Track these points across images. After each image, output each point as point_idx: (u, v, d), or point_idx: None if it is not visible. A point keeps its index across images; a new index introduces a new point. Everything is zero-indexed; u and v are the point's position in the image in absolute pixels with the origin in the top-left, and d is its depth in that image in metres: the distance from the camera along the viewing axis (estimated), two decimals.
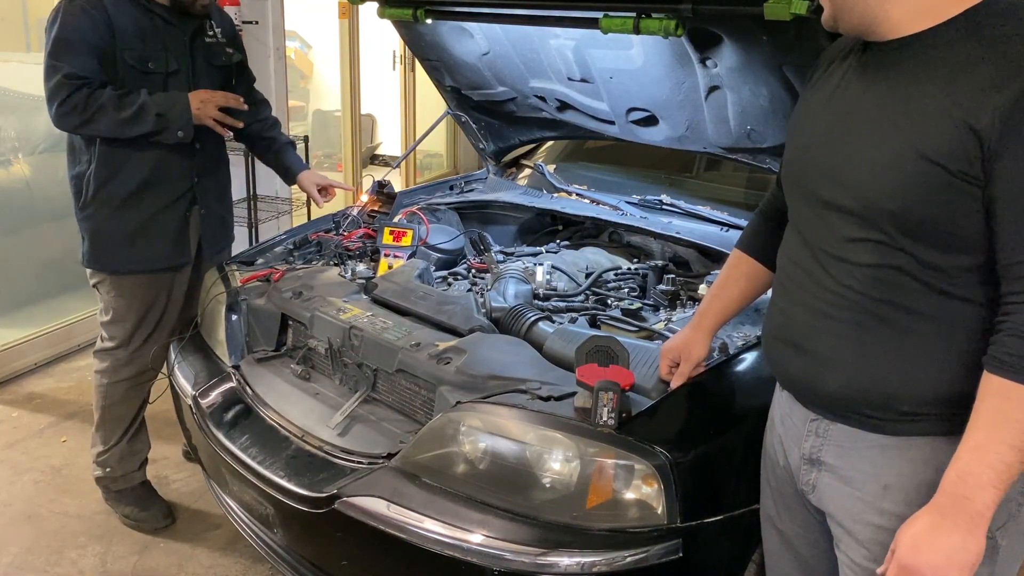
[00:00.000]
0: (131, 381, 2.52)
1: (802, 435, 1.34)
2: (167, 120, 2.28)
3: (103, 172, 2.33)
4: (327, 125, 7.29)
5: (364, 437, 1.86)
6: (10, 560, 2.44)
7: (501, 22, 2.45)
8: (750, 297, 1.59)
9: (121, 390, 2.52)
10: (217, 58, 2.49)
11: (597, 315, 2.13)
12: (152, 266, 2.44)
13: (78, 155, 2.38)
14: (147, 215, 2.39)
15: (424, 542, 1.56)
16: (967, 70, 1.08)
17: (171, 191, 2.42)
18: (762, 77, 2.07)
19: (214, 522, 2.61)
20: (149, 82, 2.30)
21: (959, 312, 1.15)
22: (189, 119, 2.31)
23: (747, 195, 2.72)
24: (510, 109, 2.91)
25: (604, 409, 1.52)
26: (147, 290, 2.46)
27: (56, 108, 2.22)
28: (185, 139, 2.33)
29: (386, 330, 1.97)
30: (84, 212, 2.40)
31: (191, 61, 2.41)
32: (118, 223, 2.38)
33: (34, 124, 3.74)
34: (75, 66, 2.21)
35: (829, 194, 1.22)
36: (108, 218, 2.37)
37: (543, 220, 2.92)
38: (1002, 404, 1.07)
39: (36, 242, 3.75)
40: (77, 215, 2.42)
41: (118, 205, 2.37)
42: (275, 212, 4.24)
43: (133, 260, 2.41)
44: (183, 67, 2.38)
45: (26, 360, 3.60)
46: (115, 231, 2.38)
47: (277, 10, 4.30)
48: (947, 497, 1.10)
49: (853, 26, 1.20)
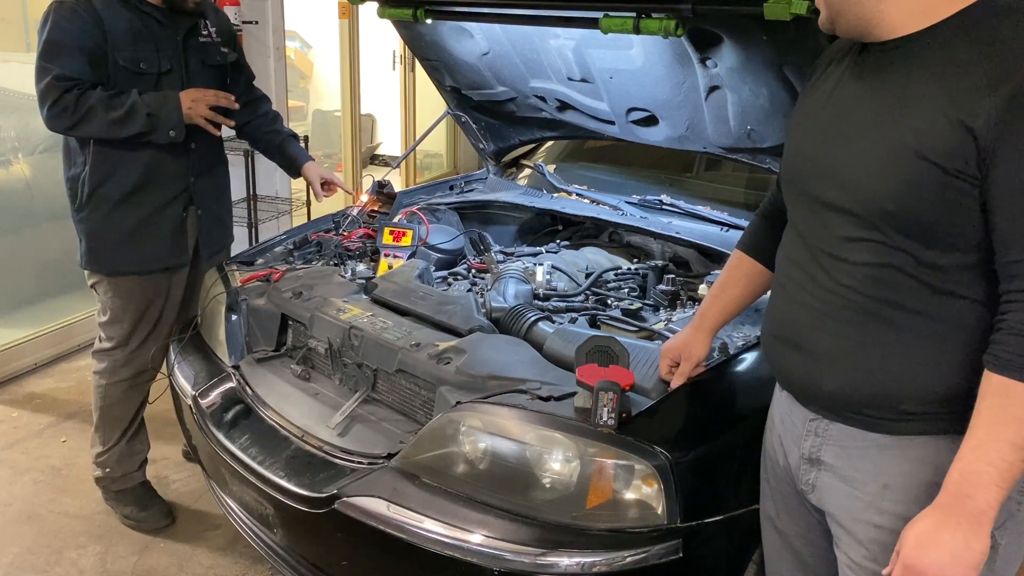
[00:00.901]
0: (130, 382, 2.52)
1: (802, 435, 1.34)
2: (158, 120, 2.28)
3: (98, 174, 2.33)
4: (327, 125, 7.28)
5: (364, 437, 1.86)
6: (10, 560, 2.44)
7: (501, 22, 2.45)
8: (751, 297, 1.59)
9: (120, 391, 2.52)
10: (211, 57, 2.49)
11: (597, 315, 2.13)
12: (149, 267, 2.44)
13: (73, 157, 2.38)
14: (143, 216, 2.39)
15: (424, 542, 1.55)
16: (962, 70, 1.08)
17: (166, 192, 2.42)
18: (762, 77, 2.07)
19: (214, 522, 2.61)
20: (141, 83, 2.30)
21: (958, 310, 1.15)
22: (180, 118, 2.30)
23: (747, 195, 2.72)
24: (510, 109, 2.91)
25: (604, 409, 1.52)
26: (144, 291, 2.46)
27: (47, 110, 2.23)
28: (177, 139, 2.32)
29: (386, 330, 1.97)
30: (80, 214, 2.40)
31: (184, 61, 2.40)
32: (114, 224, 2.38)
33: (34, 124, 3.71)
34: (65, 68, 2.21)
35: (827, 194, 1.22)
36: (104, 219, 2.38)
37: (543, 220, 2.92)
38: (1003, 402, 1.07)
39: (36, 242, 3.74)
40: (73, 217, 2.43)
41: (113, 206, 2.37)
42: (275, 212, 4.24)
43: (130, 261, 2.41)
44: (176, 67, 2.38)
45: (26, 360, 3.60)
46: (111, 232, 2.39)
47: (277, 10, 4.30)
48: (950, 496, 1.10)
49: (850, 28, 1.20)
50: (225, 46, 2.54)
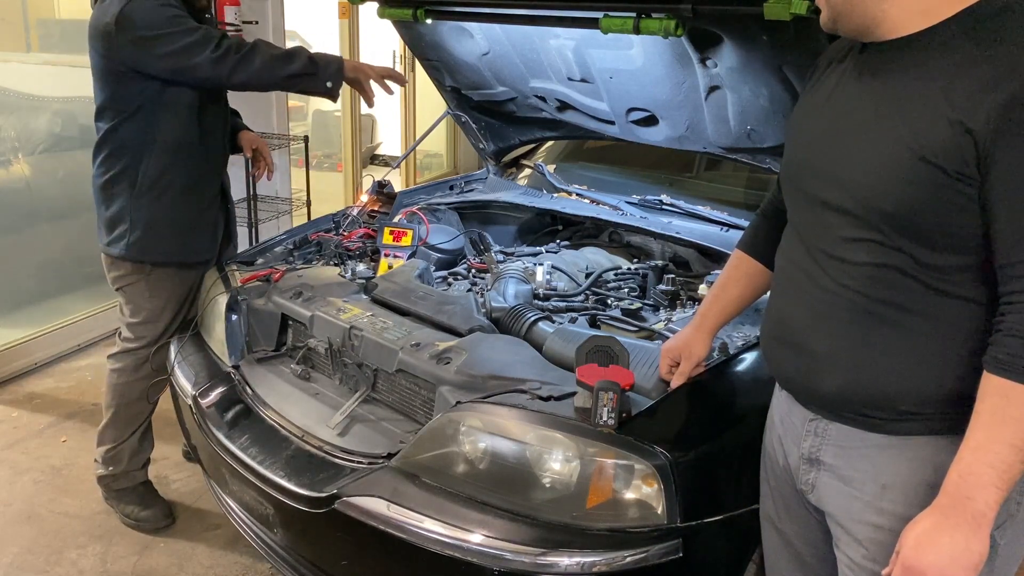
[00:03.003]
0: (151, 377, 2.53)
1: (801, 435, 1.34)
2: (317, 66, 2.32)
3: (162, 163, 2.35)
4: (327, 125, 7.29)
5: (364, 437, 1.86)
6: (10, 560, 2.44)
7: (501, 22, 2.45)
8: (751, 297, 1.59)
9: (140, 388, 2.53)
10: None
11: (597, 315, 2.13)
12: (194, 258, 2.49)
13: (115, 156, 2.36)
14: (202, 206, 2.47)
15: (424, 542, 1.56)
16: (963, 71, 1.08)
17: (212, 189, 2.52)
18: (762, 77, 2.07)
19: (214, 522, 2.61)
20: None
21: (957, 311, 1.15)
22: (340, 73, 2.36)
23: (747, 195, 2.72)
24: (510, 109, 2.91)
25: (604, 409, 1.52)
26: (182, 285, 2.50)
27: (211, 52, 2.22)
28: (332, 91, 2.37)
29: (386, 330, 1.97)
30: (140, 200, 2.38)
31: None
32: (178, 212, 2.41)
33: (34, 124, 3.75)
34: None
35: (826, 194, 1.22)
36: (166, 207, 2.39)
37: (543, 220, 2.92)
38: (1001, 404, 1.07)
39: (36, 242, 3.74)
40: (127, 205, 2.38)
41: (176, 195, 2.40)
42: (275, 212, 4.25)
43: (181, 251, 2.46)
44: None
45: (26, 360, 3.60)
46: (171, 220, 2.41)
47: (277, 10, 4.31)
48: (949, 498, 1.10)
49: (853, 27, 1.20)
50: None
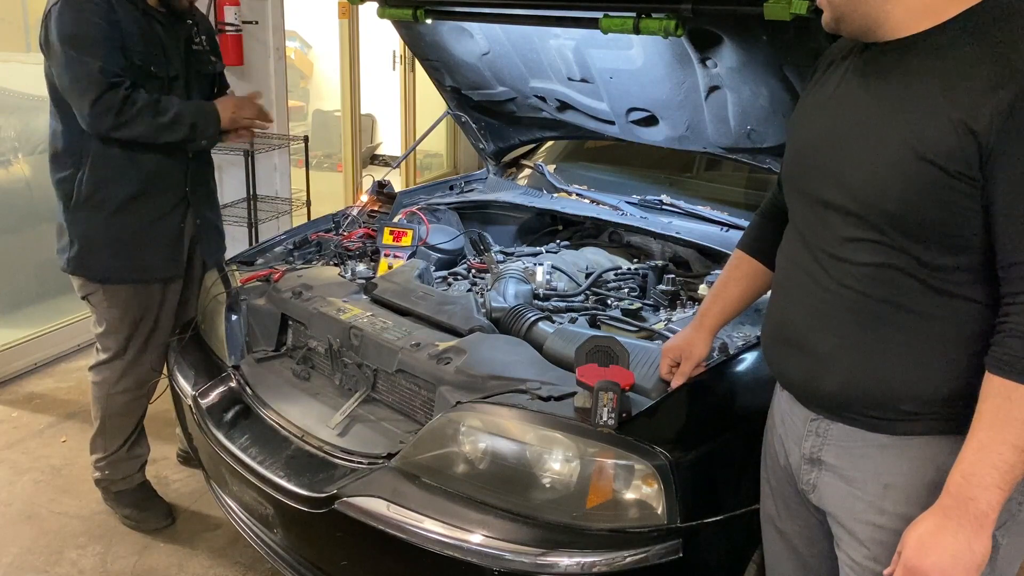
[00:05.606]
0: (132, 392, 2.49)
1: (802, 435, 1.34)
2: (198, 130, 2.29)
3: (97, 175, 2.26)
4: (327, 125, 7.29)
5: (364, 437, 1.86)
6: (10, 560, 2.44)
7: (501, 22, 2.45)
8: (751, 297, 1.59)
9: (121, 402, 2.49)
10: (204, 67, 2.48)
11: (597, 315, 2.13)
12: (144, 276, 2.38)
13: (64, 158, 2.29)
14: (143, 223, 2.34)
15: (424, 542, 1.56)
16: (965, 71, 1.08)
17: (166, 200, 2.38)
18: (762, 77, 2.07)
19: (214, 522, 2.61)
20: (152, 85, 2.26)
21: (959, 311, 1.15)
22: (217, 130, 2.34)
23: (747, 195, 2.72)
24: (510, 109, 2.91)
25: (604, 409, 1.52)
26: (139, 300, 2.39)
27: (91, 106, 2.12)
28: (208, 147, 2.39)
29: (386, 330, 1.97)
30: (75, 215, 2.30)
31: (186, 68, 2.39)
32: (112, 230, 2.31)
33: (34, 124, 3.74)
34: (107, 62, 2.12)
35: (828, 194, 1.22)
36: (102, 223, 2.30)
37: (543, 220, 2.92)
38: (1004, 404, 1.07)
39: (36, 242, 3.74)
40: (65, 217, 2.32)
41: (113, 211, 2.30)
42: (275, 212, 4.25)
43: (125, 269, 2.35)
44: (181, 74, 2.36)
45: (26, 360, 3.59)
46: (108, 238, 2.31)
47: (277, 10, 4.30)
48: (951, 498, 1.10)
49: (855, 28, 1.20)
50: (212, 55, 2.52)
